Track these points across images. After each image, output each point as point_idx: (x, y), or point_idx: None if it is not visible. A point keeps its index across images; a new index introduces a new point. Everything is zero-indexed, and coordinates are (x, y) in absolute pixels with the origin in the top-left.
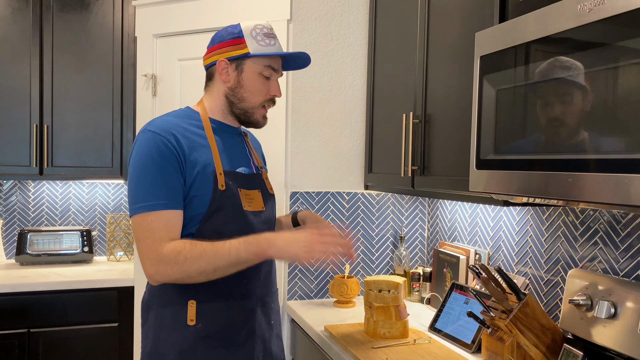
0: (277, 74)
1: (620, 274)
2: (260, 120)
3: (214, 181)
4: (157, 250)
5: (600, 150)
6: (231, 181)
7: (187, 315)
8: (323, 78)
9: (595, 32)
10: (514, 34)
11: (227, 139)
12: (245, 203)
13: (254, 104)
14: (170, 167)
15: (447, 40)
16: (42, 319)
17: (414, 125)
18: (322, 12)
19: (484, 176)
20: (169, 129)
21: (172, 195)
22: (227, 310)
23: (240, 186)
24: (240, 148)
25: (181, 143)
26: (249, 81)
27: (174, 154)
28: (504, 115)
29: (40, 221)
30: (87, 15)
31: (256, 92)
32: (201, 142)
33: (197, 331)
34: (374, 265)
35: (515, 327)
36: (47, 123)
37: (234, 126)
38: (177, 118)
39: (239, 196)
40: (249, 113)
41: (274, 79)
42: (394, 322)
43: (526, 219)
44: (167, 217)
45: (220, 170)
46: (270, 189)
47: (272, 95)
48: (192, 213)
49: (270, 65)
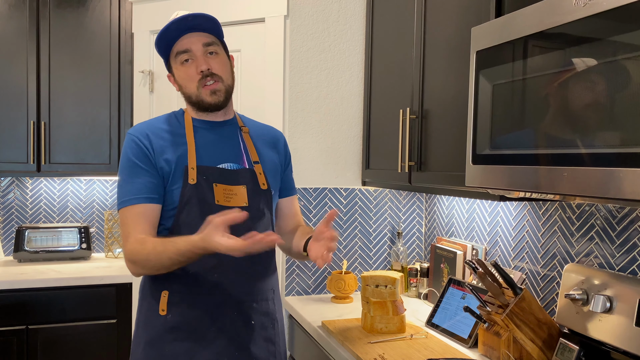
0: (190, 53)
1: (616, 268)
2: (208, 99)
3: (184, 176)
4: (125, 247)
5: (595, 144)
6: (205, 176)
7: (160, 305)
8: (320, 74)
9: (590, 26)
10: (509, 28)
11: (213, 134)
12: (222, 198)
13: (193, 90)
14: (142, 164)
15: (444, 35)
16: (41, 315)
17: (411, 121)
18: (319, 8)
19: (480, 171)
20: (144, 130)
21: (142, 190)
22: (197, 304)
23: (218, 181)
24: (232, 143)
25: (153, 142)
26: (179, 76)
27: (146, 153)
28: (500, 110)
29: (38, 218)
30: (84, 11)
31: (186, 79)
32: (180, 141)
33: (166, 321)
34: (371, 261)
35: (512, 321)
36: (45, 120)
37: (218, 120)
38: (161, 119)
39: (212, 191)
40: (197, 100)
41: (193, 58)
42: (391, 318)
43: (523, 214)
44: (136, 212)
45: (193, 165)
46: (264, 184)
47: (200, 71)
48: (166, 208)
49: (176, 51)
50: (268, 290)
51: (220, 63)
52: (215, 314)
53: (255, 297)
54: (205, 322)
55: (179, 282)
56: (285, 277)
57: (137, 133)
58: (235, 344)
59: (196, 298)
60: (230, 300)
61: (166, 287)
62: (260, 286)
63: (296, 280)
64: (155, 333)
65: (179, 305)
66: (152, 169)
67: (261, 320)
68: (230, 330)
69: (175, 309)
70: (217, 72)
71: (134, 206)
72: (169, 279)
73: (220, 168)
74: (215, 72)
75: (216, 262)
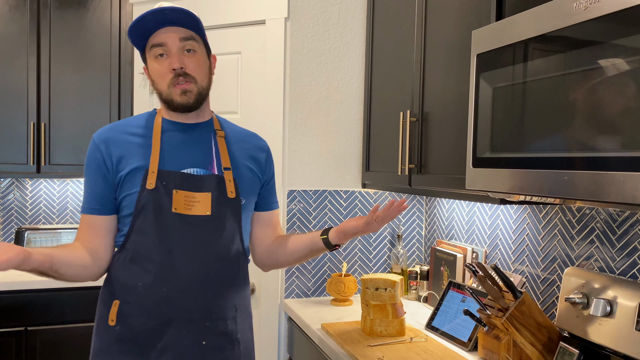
0: (165, 47)
1: (617, 272)
2: (177, 99)
3: (143, 180)
4: None
5: (596, 148)
6: (165, 181)
7: (109, 315)
8: (321, 76)
9: (591, 30)
10: (510, 32)
11: (182, 137)
12: (181, 205)
13: (163, 87)
14: (97, 173)
15: (444, 38)
16: (40, 317)
17: (411, 124)
18: (319, 10)
19: (481, 174)
20: (106, 135)
21: (97, 201)
22: (144, 318)
23: (179, 187)
24: (203, 148)
25: (111, 149)
26: (152, 71)
27: (99, 161)
28: (501, 114)
29: (38, 219)
30: (85, 12)
31: (158, 75)
32: (143, 143)
33: (115, 332)
34: (371, 264)
35: (512, 325)
36: (45, 121)
37: (190, 122)
38: (130, 121)
39: (171, 197)
40: (168, 98)
41: (168, 54)
42: (391, 320)
43: (523, 218)
44: (89, 222)
45: (154, 169)
46: (232, 192)
47: (173, 69)
48: (123, 213)
49: (152, 44)
50: (228, 308)
51: (196, 62)
52: (161, 331)
53: (209, 315)
54: (151, 338)
55: (130, 293)
56: (284, 280)
57: (97, 138)
58: None
59: (144, 311)
60: (179, 317)
61: (117, 297)
62: (218, 303)
63: (296, 282)
64: (104, 343)
65: (127, 317)
66: (102, 179)
67: (217, 341)
68: (175, 350)
69: (123, 320)
70: (191, 72)
71: (83, 215)
72: (121, 288)
73: (184, 173)
74: (188, 72)
75: (165, 274)
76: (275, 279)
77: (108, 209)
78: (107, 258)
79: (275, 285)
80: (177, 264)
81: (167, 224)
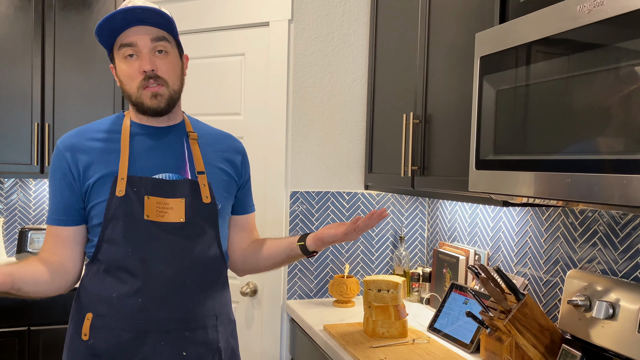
0: (135, 47)
1: (619, 274)
2: (147, 102)
3: (112, 187)
4: None
5: (599, 150)
6: (136, 187)
7: (82, 329)
8: (324, 78)
9: (594, 33)
10: (514, 34)
11: (152, 142)
12: (153, 212)
13: (133, 90)
14: (63, 182)
15: (448, 40)
16: (42, 317)
17: (414, 126)
18: (323, 12)
19: (484, 176)
20: (71, 141)
21: (55, 211)
22: (120, 330)
23: (150, 193)
24: (174, 152)
25: (77, 157)
26: (120, 71)
27: (67, 169)
28: (504, 116)
29: (41, 219)
30: (89, 14)
31: (127, 77)
32: (111, 148)
33: (88, 347)
34: (373, 265)
35: (514, 327)
36: (49, 122)
37: (160, 126)
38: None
39: (142, 204)
40: (138, 102)
41: (138, 55)
42: (393, 322)
43: (525, 220)
44: (56, 233)
45: (123, 176)
46: (207, 197)
47: (143, 71)
48: (92, 223)
49: (121, 43)
50: (208, 317)
51: (168, 64)
52: (138, 343)
53: (187, 324)
54: (128, 351)
55: (103, 305)
56: (287, 281)
57: (62, 144)
58: None
59: (119, 324)
60: (157, 328)
61: (90, 309)
62: (197, 312)
63: (298, 283)
64: (76, 358)
65: (101, 330)
66: (67, 188)
67: (197, 351)
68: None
69: (97, 334)
70: (163, 74)
71: (49, 226)
72: (94, 300)
73: (155, 179)
74: (160, 75)
75: (140, 284)
76: (278, 280)
77: (75, 219)
78: (76, 270)
79: (278, 287)
80: (152, 273)
81: (140, 232)
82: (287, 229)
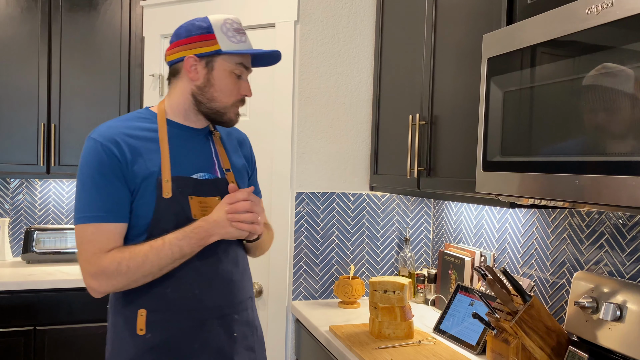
0: (248, 72)
1: (626, 276)
2: (233, 118)
3: (158, 189)
4: (97, 263)
5: (607, 152)
6: (180, 188)
7: (137, 325)
8: (330, 79)
9: (603, 34)
10: (521, 36)
11: (186, 142)
12: (197, 211)
13: (226, 104)
14: (112, 177)
15: (454, 41)
16: (48, 316)
17: (420, 127)
18: (329, 13)
19: (491, 178)
20: (111, 136)
21: (113, 208)
22: (177, 321)
23: (193, 193)
24: (204, 151)
25: (124, 151)
26: (220, 80)
27: (116, 163)
28: (511, 117)
29: (47, 219)
30: (96, 15)
31: (227, 91)
32: (151, 147)
33: (146, 341)
34: (378, 267)
35: (521, 329)
36: (55, 122)
37: (197, 127)
38: (128, 122)
39: (188, 204)
40: (220, 113)
41: (244, 78)
42: (399, 323)
43: (532, 221)
44: (107, 230)
45: (168, 177)
46: None
47: (243, 95)
48: (138, 222)
49: (242, 62)
50: (247, 300)
51: None
52: (198, 331)
53: (236, 308)
54: (188, 339)
55: (157, 300)
56: (292, 282)
57: (105, 140)
58: (219, 358)
59: (177, 316)
60: (213, 315)
61: (142, 306)
62: (241, 297)
63: (303, 284)
64: (134, 353)
65: (158, 324)
66: (121, 183)
67: (243, 330)
68: (213, 344)
69: (155, 328)
70: None
71: (104, 224)
72: (145, 296)
73: (194, 179)
74: None
75: (193, 277)
76: (283, 281)
77: (125, 216)
78: None
79: (283, 287)
80: (202, 266)
81: None
82: (292, 230)
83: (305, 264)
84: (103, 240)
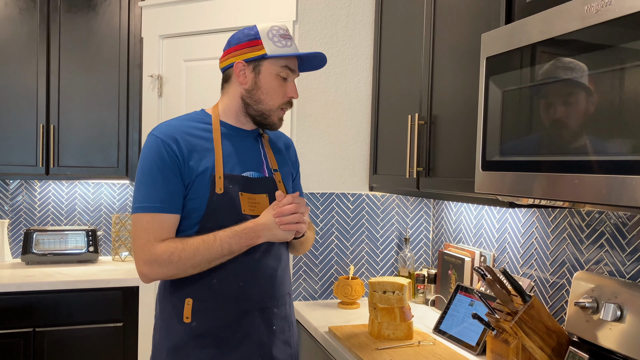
0: (294, 75)
1: (627, 276)
2: (276, 122)
3: (212, 185)
4: (150, 250)
5: (607, 151)
6: (232, 185)
7: (184, 313)
8: (329, 79)
9: (601, 33)
10: (520, 35)
11: (238, 142)
12: (247, 207)
13: (272, 106)
14: (170, 171)
15: (453, 41)
16: (48, 318)
17: (420, 127)
18: (328, 13)
19: (490, 177)
20: (171, 133)
21: (169, 199)
22: (222, 311)
23: (243, 190)
24: (254, 151)
25: (182, 147)
26: (267, 83)
27: (174, 159)
28: (510, 117)
29: (46, 221)
30: (94, 16)
31: (273, 94)
32: (206, 146)
33: (191, 329)
34: (378, 267)
35: (521, 329)
36: (54, 123)
37: (247, 129)
38: (186, 122)
39: (239, 200)
40: (266, 115)
41: (290, 80)
42: (399, 324)
43: (532, 221)
44: (161, 220)
45: (220, 174)
46: (284, 191)
47: (290, 96)
48: (190, 215)
49: (287, 65)
50: (286, 295)
51: None
52: (240, 322)
53: (276, 302)
54: (231, 329)
55: (204, 290)
56: (291, 283)
57: (165, 137)
58: (258, 349)
59: (222, 306)
60: (255, 307)
61: (190, 295)
62: (281, 291)
63: (303, 285)
64: (179, 340)
65: (204, 313)
66: (177, 177)
67: (281, 324)
68: (254, 336)
69: (200, 316)
70: None
71: (160, 214)
72: (192, 286)
73: (244, 176)
74: None
75: (240, 269)
76: None
77: (178, 207)
78: None
79: None
80: (248, 260)
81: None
82: None
83: (304, 265)
84: (157, 230)
